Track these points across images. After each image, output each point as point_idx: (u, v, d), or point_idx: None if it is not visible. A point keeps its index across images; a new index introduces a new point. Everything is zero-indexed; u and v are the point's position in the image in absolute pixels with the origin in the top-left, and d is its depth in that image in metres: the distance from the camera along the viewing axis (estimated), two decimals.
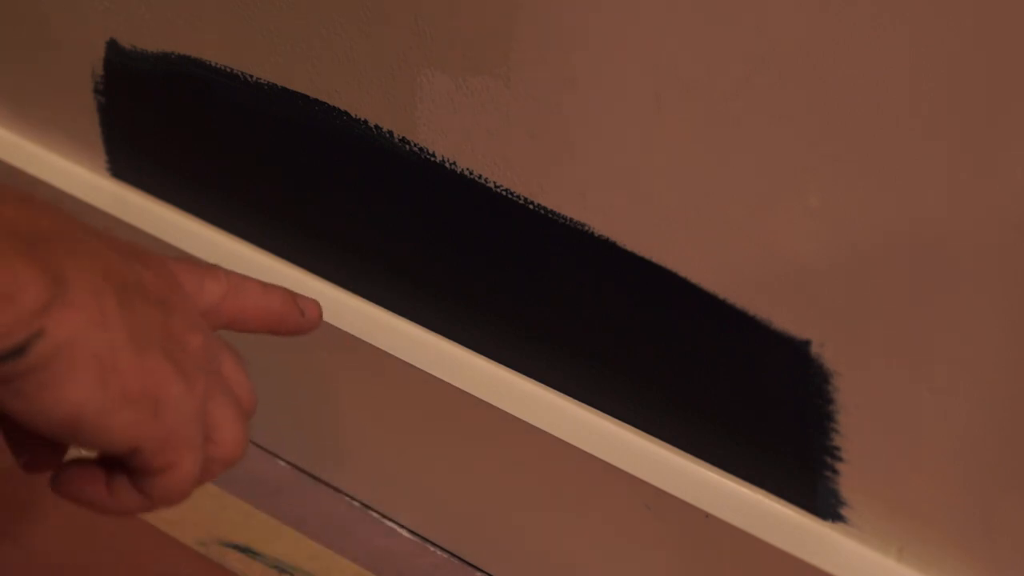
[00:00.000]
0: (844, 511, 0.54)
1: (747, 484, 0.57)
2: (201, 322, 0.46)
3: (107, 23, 0.67)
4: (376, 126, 0.59)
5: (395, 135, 0.59)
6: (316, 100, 0.61)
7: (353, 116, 0.60)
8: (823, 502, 0.55)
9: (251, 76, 0.63)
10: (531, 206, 0.56)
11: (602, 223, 0.55)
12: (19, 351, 0.39)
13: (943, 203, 0.46)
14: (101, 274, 0.42)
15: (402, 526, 0.68)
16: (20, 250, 0.39)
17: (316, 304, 0.52)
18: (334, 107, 0.60)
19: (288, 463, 0.71)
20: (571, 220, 0.55)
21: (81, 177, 0.73)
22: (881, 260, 0.48)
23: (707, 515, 0.56)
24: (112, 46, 0.67)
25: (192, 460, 0.44)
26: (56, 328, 0.39)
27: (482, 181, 0.57)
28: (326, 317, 0.64)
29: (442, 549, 0.67)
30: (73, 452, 0.45)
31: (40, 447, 0.45)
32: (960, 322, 0.48)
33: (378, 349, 0.63)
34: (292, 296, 0.51)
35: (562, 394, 0.61)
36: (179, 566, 0.65)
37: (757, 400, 0.55)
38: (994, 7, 0.42)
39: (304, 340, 0.53)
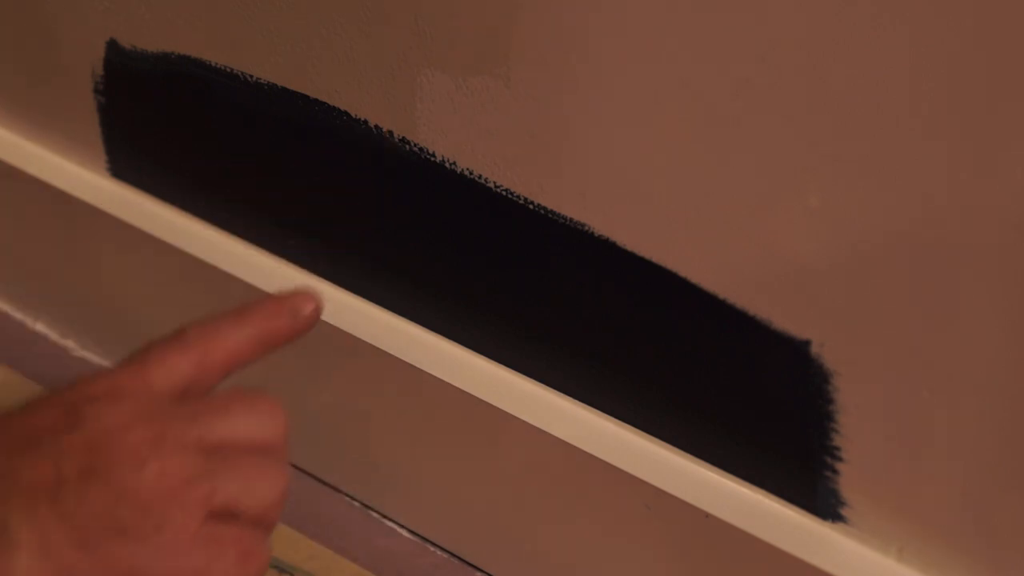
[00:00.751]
0: (844, 511, 0.54)
1: (747, 484, 0.57)
2: (162, 432, 0.44)
3: (107, 23, 0.67)
4: (376, 126, 0.59)
5: (395, 135, 0.59)
6: (316, 100, 0.61)
7: (353, 116, 0.60)
8: (823, 502, 0.55)
9: (251, 76, 0.63)
10: (531, 206, 0.56)
11: (602, 223, 0.55)
12: None
13: (943, 203, 0.46)
14: (30, 493, 0.41)
15: (402, 526, 0.68)
16: None
17: (310, 297, 0.49)
18: (334, 107, 0.60)
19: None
20: (571, 220, 0.55)
21: (81, 177, 0.73)
22: (881, 260, 0.48)
23: (707, 515, 0.56)
24: (112, 46, 0.67)
25: (226, 564, 0.43)
26: None
27: (482, 181, 0.57)
28: (327, 318, 0.64)
29: (442, 549, 0.67)
30: None
31: None
32: (960, 322, 0.48)
33: (378, 349, 0.63)
34: (277, 304, 0.48)
35: (562, 394, 0.61)
36: None
37: (757, 400, 0.54)
38: (994, 7, 0.42)
39: (304, 341, 0.53)
